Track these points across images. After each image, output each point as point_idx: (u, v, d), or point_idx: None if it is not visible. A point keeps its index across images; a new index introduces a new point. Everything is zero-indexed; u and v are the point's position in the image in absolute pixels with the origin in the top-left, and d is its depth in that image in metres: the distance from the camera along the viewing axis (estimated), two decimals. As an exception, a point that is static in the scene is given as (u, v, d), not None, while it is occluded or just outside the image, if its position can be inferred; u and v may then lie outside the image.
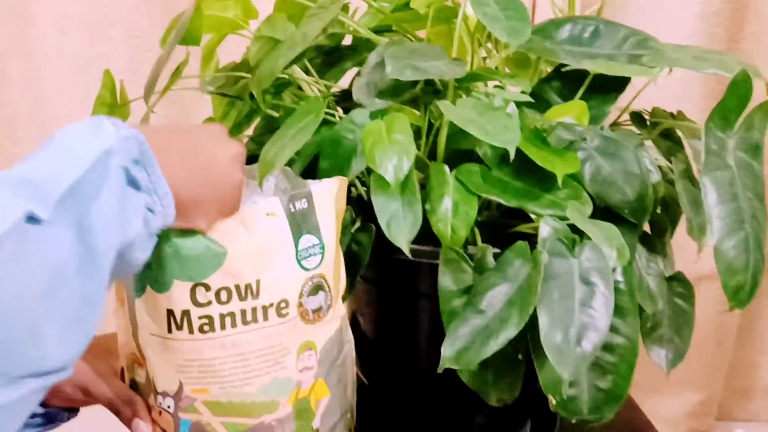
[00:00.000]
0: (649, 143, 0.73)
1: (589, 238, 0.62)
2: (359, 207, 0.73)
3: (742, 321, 1.62)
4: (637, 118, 0.77)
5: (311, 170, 0.71)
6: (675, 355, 0.73)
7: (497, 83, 0.74)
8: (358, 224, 0.71)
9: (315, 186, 0.64)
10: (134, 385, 0.67)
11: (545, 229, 0.63)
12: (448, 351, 0.62)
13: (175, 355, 0.61)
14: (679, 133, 0.76)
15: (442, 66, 0.69)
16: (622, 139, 0.69)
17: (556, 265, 0.61)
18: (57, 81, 1.50)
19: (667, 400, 1.58)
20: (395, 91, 0.69)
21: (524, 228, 0.70)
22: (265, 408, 0.63)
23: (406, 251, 0.64)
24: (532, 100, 0.69)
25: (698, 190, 0.65)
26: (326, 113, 0.70)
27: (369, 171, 0.69)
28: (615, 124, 0.79)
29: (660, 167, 0.72)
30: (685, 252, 0.77)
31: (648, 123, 0.76)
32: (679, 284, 0.74)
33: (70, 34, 1.48)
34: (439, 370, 0.62)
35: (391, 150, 0.64)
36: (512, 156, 0.62)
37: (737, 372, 1.67)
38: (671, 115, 0.77)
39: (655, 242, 0.72)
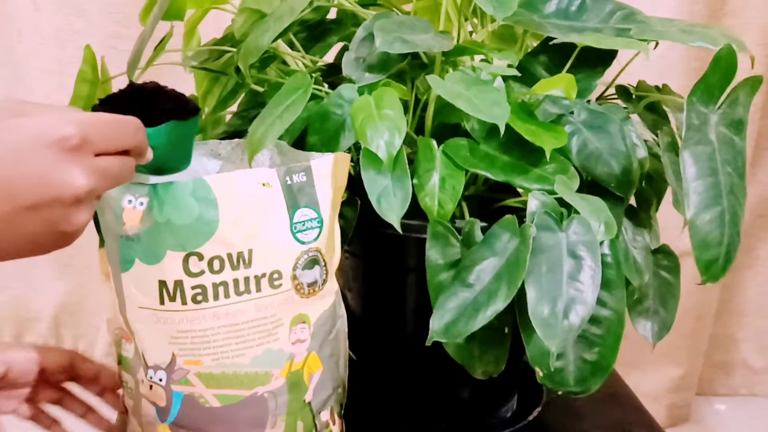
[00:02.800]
0: (635, 117, 0.74)
1: (576, 212, 0.62)
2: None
3: (722, 295, 1.64)
4: (622, 91, 0.77)
5: (299, 146, 0.71)
6: (661, 327, 0.74)
7: (483, 57, 0.74)
8: (343, 198, 0.71)
9: (315, 160, 0.64)
10: (121, 361, 0.67)
11: (533, 203, 0.63)
12: (436, 324, 0.62)
13: (168, 326, 0.61)
14: (665, 107, 0.76)
15: (429, 39, 0.69)
16: (609, 112, 0.69)
17: (544, 239, 0.61)
18: (33, 58, 1.48)
19: (647, 375, 1.60)
20: (384, 65, 0.69)
21: (511, 202, 0.71)
22: (258, 380, 0.63)
23: (398, 227, 0.64)
24: (519, 74, 0.69)
25: (681, 162, 0.65)
26: (313, 88, 0.70)
27: (357, 146, 0.68)
28: (601, 98, 0.80)
29: (645, 141, 0.73)
30: (668, 228, 0.78)
31: (633, 97, 0.77)
32: (664, 257, 0.75)
33: (44, 10, 1.46)
34: (428, 344, 0.62)
35: (381, 126, 0.64)
36: (502, 131, 0.62)
37: (717, 347, 1.70)
38: (656, 88, 0.78)
39: (641, 215, 0.73)
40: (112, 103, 0.54)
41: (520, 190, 0.71)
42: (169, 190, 0.59)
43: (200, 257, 0.60)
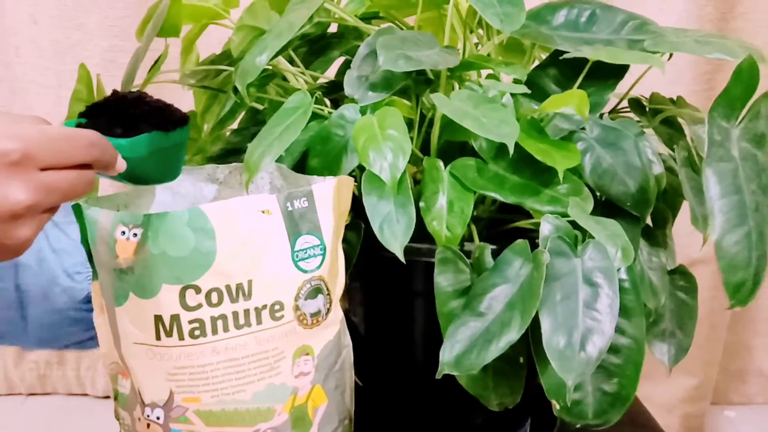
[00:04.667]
0: (649, 131, 0.71)
1: (591, 236, 0.59)
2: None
3: (734, 304, 1.61)
4: (636, 105, 0.74)
5: (300, 169, 0.68)
6: (678, 350, 0.72)
7: (490, 71, 0.71)
8: (346, 221, 0.68)
9: (317, 185, 0.61)
10: (117, 397, 0.64)
11: (546, 227, 0.60)
12: (447, 356, 0.60)
13: (165, 363, 0.58)
14: (680, 119, 0.73)
15: (434, 55, 0.66)
16: (623, 128, 0.67)
17: (559, 265, 0.58)
18: (31, 72, 1.46)
19: (660, 386, 1.57)
20: (388, 83, 0.66)
21: (523, 224, 0.68)
22: (260, 416, 0.60)
23: (400, 256, 0.61)
24: (528, 91, 0.66)
25: (701, 179, 0.62)
26: (315, 108, 0.67)
27: (360, 168, 0.66)
28: (613, 112, 0.77)
29: (660, 154, 0.70)
30: (679, 237, 0.75)
31: (647, 110, 0.74)
32: (681, 277, 0.72)
33: (42, 24, 1.44)
34: (438, 376, 0.60)
35: (385, 147, 0.61)
36: (511, 151, 0.59)
37: (731, 355, 1.67)
38: (671, 101, 0.75)
39: (657, 234, 0.70)
40: (94, 113, 0.54)
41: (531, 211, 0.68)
42: (164, 220, 0.57)
43: (197, 290, 0.57)
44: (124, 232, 0.57)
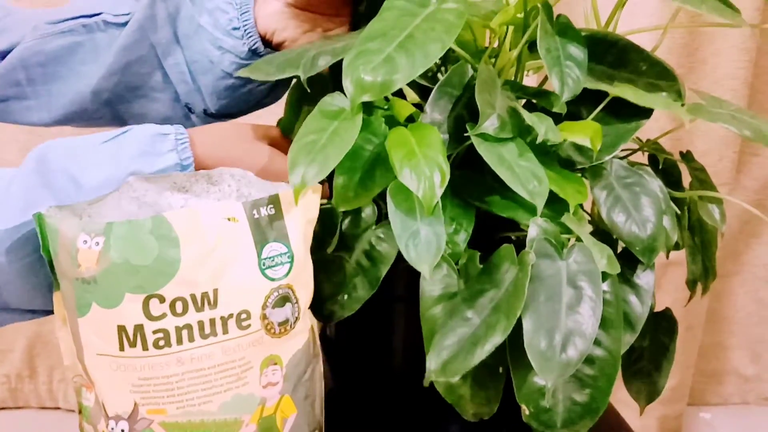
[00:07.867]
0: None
1: (579, 240, 0.59)
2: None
3: (710, 304, 1.62)
4: (652, 160, 0.75)
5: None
6: (651, 390, 0.73)
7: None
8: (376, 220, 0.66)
9: (284, 191, 0.60)
10: (82, 410, 0.63)
11: (534, 229, 0.59)
12: (433, 363, 0.58)
13: (128, 374, 0.57)
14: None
15: (501, 101, 0.63)
16: (644, 173, 0.67)
17: (543, 267, 0.58)
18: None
19: (637, 387, 1.57)
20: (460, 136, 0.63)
21: (511, 234, 0.68)
22: (227, 427, 0.59)
23: (428, 275, 0.59)
24: (540, 130, 0.62)
25: (699, 240, 0.68)
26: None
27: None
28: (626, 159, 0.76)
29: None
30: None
31: (660, 165, 0.74)
32: (664, 319, 0.74)
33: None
34: (425, 384, 0.59)
35: (424, 166, 0.57)
36: (539, 212, 0.58)
37: (707, 355, 1.67)
38: (681, 154, 0.75)
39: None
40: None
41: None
42: (127, 228, 0.55)
43: (161, 299, 0.56)
44: (86, 241, 0.55)
